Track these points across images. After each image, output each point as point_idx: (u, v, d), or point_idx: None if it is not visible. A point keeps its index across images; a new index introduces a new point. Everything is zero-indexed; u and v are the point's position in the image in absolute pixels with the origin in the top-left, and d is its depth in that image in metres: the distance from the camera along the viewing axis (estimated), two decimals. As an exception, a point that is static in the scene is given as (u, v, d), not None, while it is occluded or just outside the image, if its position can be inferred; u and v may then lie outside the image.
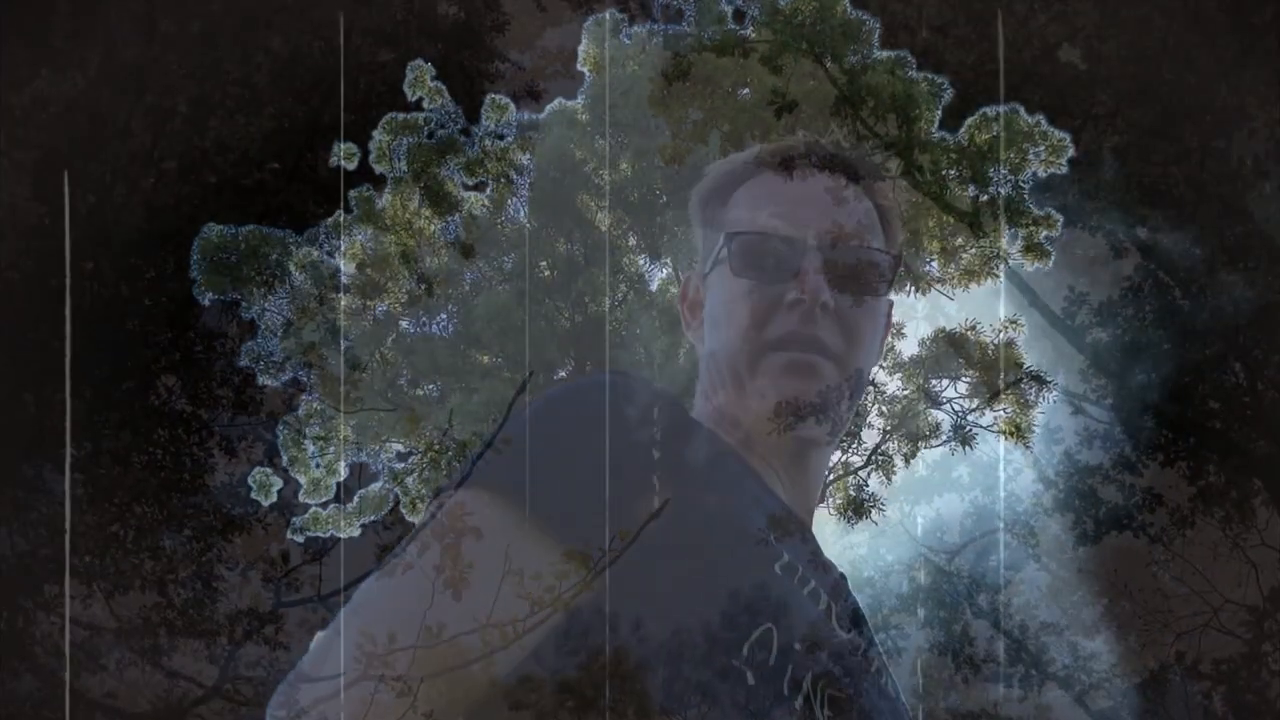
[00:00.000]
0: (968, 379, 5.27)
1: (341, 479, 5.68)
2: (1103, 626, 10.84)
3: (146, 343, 9.51)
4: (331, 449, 5.48)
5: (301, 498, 5.47)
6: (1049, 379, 5.16)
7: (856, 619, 1.10)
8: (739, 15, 5.36)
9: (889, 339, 1.33)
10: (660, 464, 1.03)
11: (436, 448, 5.53)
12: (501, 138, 5.68)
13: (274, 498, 5.52)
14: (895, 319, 1.31)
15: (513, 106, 5.71)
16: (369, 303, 5.66)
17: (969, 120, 5.43)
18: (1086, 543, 10.00)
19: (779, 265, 1.16)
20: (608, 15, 5.94)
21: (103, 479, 9.16)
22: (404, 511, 5.78)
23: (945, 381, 5.41)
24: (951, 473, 12.78)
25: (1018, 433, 5.13)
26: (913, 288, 5.57)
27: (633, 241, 6.03)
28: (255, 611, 10.14)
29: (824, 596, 1.06)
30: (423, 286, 5.64)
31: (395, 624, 0.93)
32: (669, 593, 0.97)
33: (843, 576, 1.14)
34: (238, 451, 10.20)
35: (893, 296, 1.25)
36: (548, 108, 5.89)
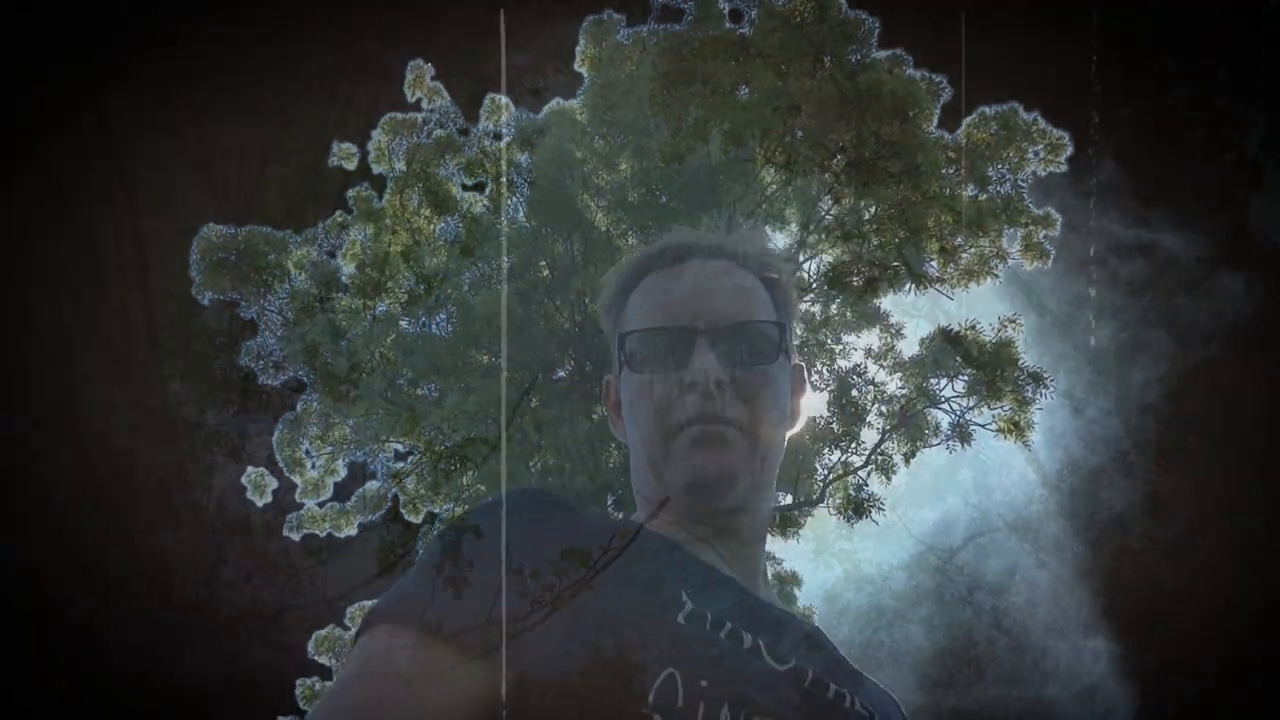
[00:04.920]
0: (966, 377, 5.26)
1: (340, 478, 5.67)
2: (1103, 627, 10.83)
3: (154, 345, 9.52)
4: (330, 448, 5.48)
5: (298, 497, 5.47)
6: (1046, 375, 5.16)
7: (813, 651, 1.15)
8: (736, 15, 5.37)
9: (803, 397, 1.40)
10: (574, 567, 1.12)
11: (437, 449, 5.52)
12: (499, 137, 5.69)
13: (269, 497, 5.52)
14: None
15: (511, 107, 5.71)
16: (369, 303, 5.66)
17: (968, 120, 5.43)
18: (1089, 547, 10.00)
19: (671, 354, 1.25)
20: (607, 15, 5.94)
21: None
22: (403, 512, 5.77)
23: (944, 380, 5.41)
24: (955, 476, 12.79)
25: (1017, 430, 5.13)
26: (913, 287, 5.56)
27: (632, 241, 6.02)
28: (259, 613, 10.13)
29: (748, 636, 1.10)
30: (422, 286, 5.64)
31: None
32: (578, 657, 1.03)
33: (789, 616, 1.20)
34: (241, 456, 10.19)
35: (799, 361, 1.35)
36: (546, 107, 5.89)
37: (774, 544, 6.17)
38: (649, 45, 5.77)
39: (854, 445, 5.64)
